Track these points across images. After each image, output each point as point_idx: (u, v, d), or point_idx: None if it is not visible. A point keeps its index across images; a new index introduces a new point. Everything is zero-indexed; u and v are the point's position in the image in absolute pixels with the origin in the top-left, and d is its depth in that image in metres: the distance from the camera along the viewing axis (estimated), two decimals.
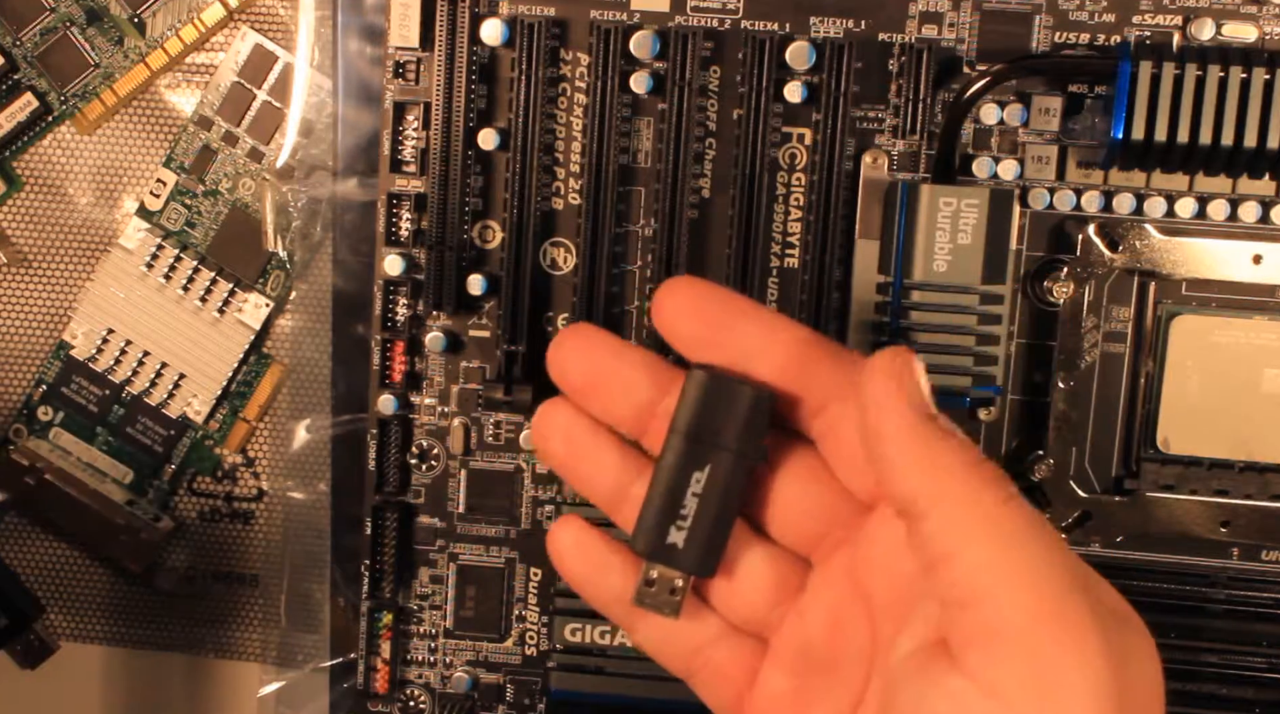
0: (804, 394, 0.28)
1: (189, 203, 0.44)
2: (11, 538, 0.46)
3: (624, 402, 0.29)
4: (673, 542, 0.28)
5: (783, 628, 0.29)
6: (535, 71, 0.37)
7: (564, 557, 0.30)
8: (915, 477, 0.25)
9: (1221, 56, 0.35)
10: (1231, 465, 0.38)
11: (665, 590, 0.28)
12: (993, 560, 0.24)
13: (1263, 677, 0.38)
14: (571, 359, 0.29)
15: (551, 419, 0.30)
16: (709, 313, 0.28)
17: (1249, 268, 0.37)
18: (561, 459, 0.30)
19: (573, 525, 0.30)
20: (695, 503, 0.28)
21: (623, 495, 0.29)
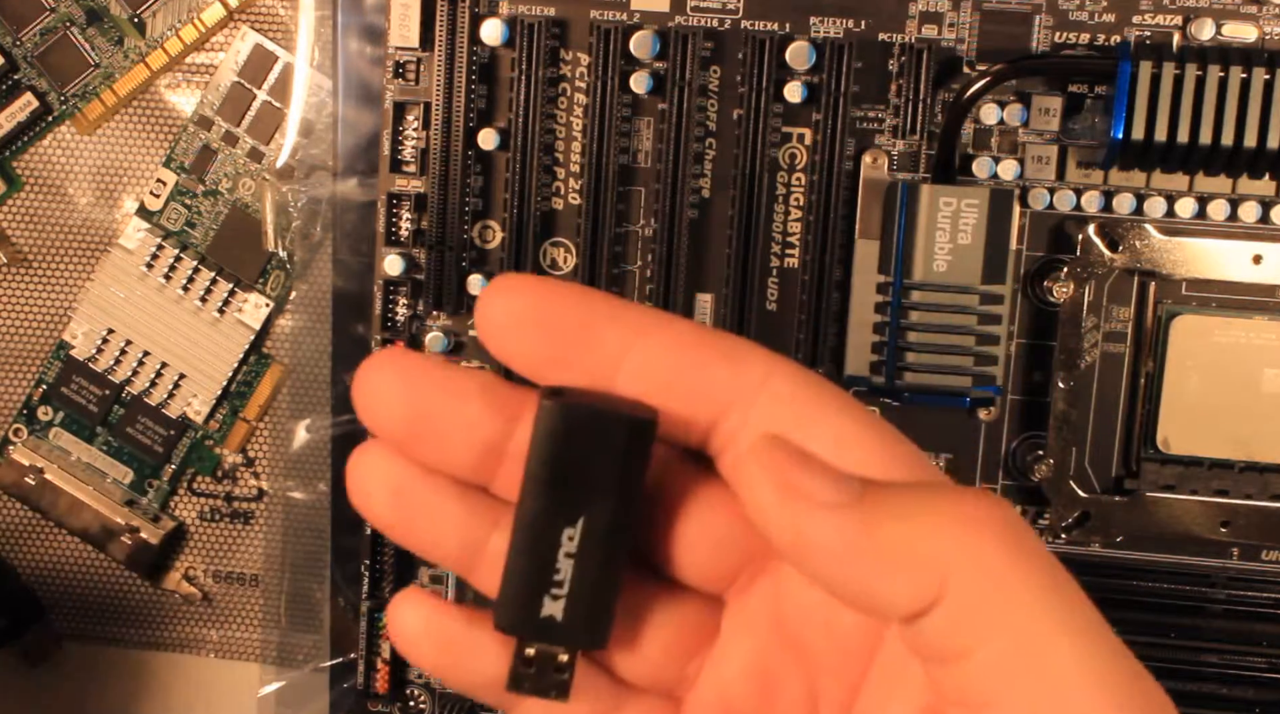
0: (691, 408, 0.21)
1: (189, 203, 0.44)
2: (11, 538, 0.46)
3: (461, 445, 0.22)
4: (549, 614, 0.22)
5: (698, 684, 0.23)
6: (535, 71, 0.37)
7: (413, 646, 0.23)
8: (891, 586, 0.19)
9: (1221, 56, 0.35)
10: (1231, 465, 0.38)
11: (549, 669, 0.23)
12: (1018, 652, 0.19)
13: (1263, 677, 0.38)
14: (387, 399, 0.22)
15: (370, 474, 0.23)
16: (556, 322, 0.21)
17: (1249, 268, 0.37)
18: (389, 520, 0.23)
19: (416, 606, 0.23)
20: (571, 565, 0.22)
21: (477, 553, 0.23)
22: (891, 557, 0.19)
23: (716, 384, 0.21)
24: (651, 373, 0.21)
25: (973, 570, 0.19)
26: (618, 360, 0.21)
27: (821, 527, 0.19)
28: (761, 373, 0.21)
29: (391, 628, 0.24)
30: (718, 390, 0.21)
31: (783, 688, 0.23)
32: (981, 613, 0.19)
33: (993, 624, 0.19)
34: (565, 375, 0.22)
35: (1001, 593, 0.19)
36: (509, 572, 0.22)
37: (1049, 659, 0.18)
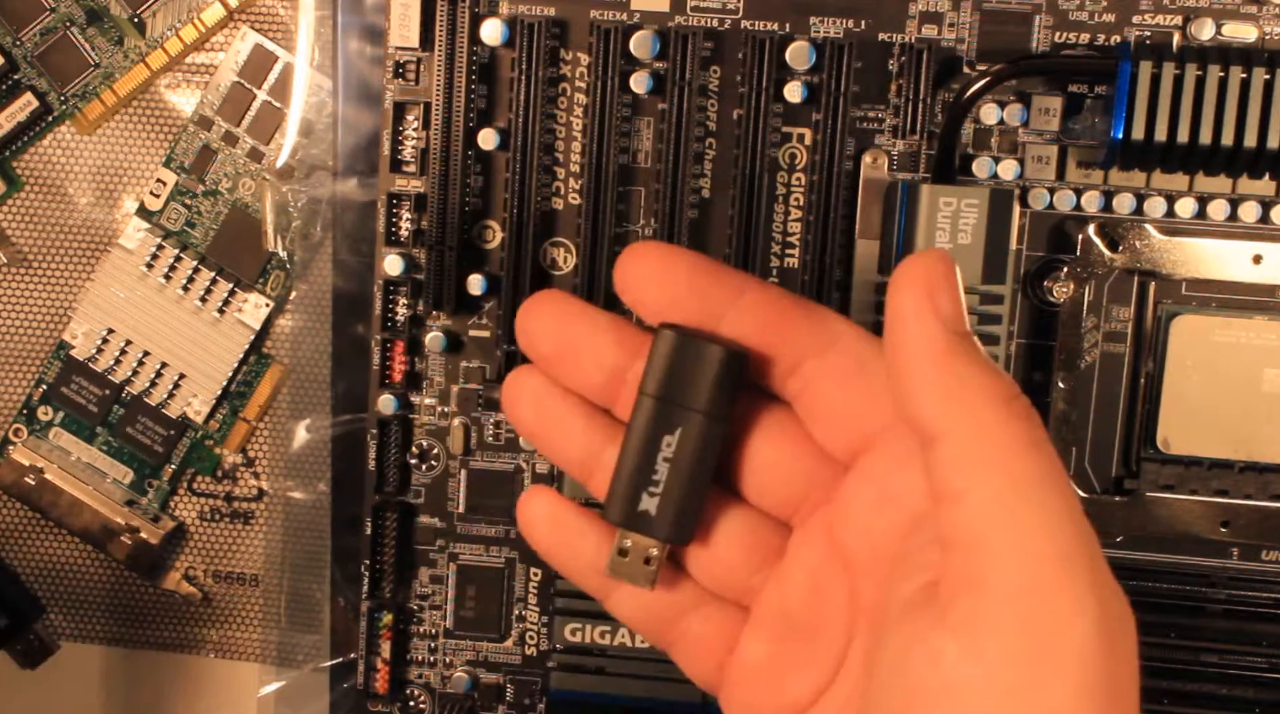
0: (776, 353, 0.27)
1: (189, 203, 0.44)
2: (11, 538, 0.46)
3: (593, 369, 0.28)
4: (645, 509, 0.27)
5: (763, 594, 0.28)
6: (535, 71, 0.37)
7: (535, 526, 0.29)
8: (935, 400, 0.23)
9: (1221, 56, 0.35)
10: (1231, 465, 0.38)
11: (640, 560, 0.27)
12: (1002, 505, 0.22)
13: (1263, 677, 0.38)
14: (540, 327, 0.28)
15: (520, 386, 0.29)
16: (675, 277, 0.27)
17: (1249, 268, 0.37)
18: (531, 426, 0.29)
19: (543, 495, 0.29)
20: (667, 468, 0.27)
21: (594, 462, 0.28)
22: (943, 383, 0.23)
23: (797, 337, 0.26)
24: (747, 324, 0.26)
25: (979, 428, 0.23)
26: (721, 313, 0.26)
27: (929, 335, 0.24)
28: (835, 332, 0.26)
29: (519, 514, 0.29)
30: (798, 342, 0.26)
31: (831, 596, 0.27)
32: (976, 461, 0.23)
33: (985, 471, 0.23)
34: (680, 318, 0.27)
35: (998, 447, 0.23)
36: (618, 471, 0.27)
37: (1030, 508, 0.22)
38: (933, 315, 0.24)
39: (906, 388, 0.24)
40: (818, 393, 0.27)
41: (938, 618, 0.23)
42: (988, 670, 0.22)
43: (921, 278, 0.24)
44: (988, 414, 0.23)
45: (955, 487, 0.23)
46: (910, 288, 0.24)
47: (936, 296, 0.24)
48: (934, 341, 0.24)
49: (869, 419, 0.26)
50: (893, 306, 0.24)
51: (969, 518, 0.23)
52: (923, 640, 0.23)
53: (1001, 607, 0.22)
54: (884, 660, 0.24)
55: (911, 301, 0.24)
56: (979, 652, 0.22)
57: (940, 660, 0.22)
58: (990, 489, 0.23)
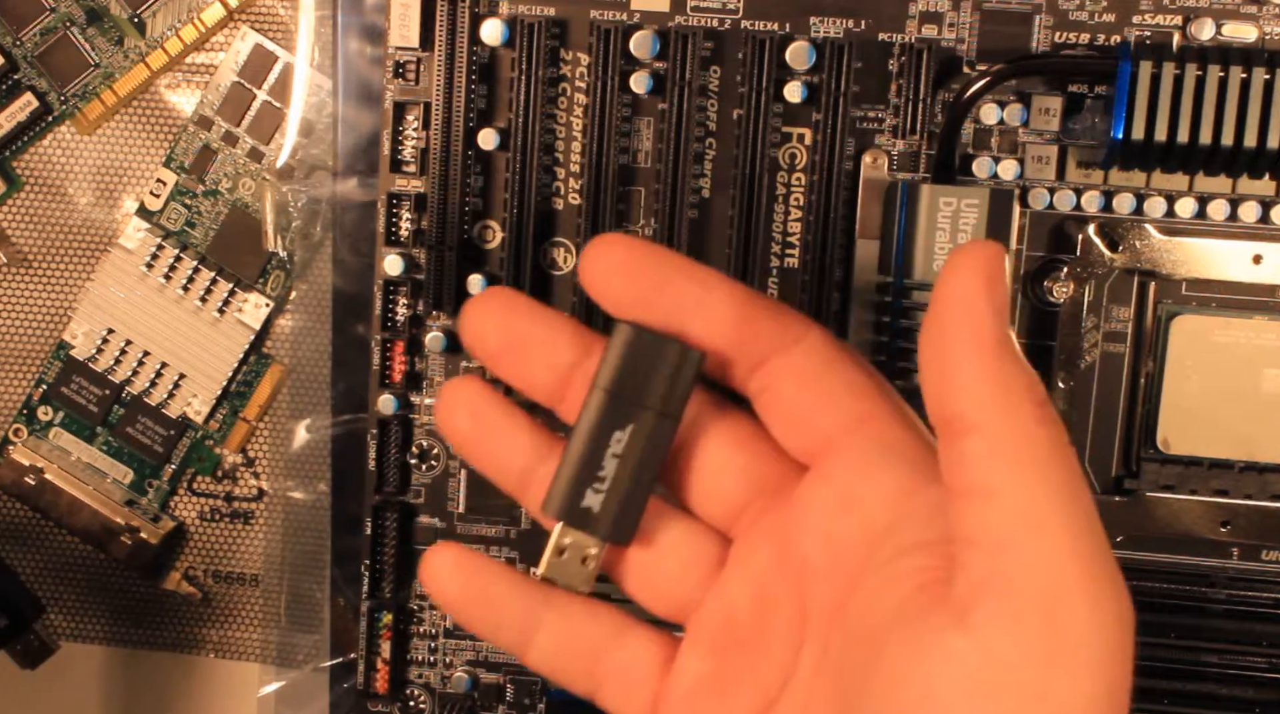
0: (742, 351, 0.26)
1: (189, 203, 0.44)
2: (11, 538, 0.46)
3: (543, 365, 0.27)
4: (588, 505, 0.26)
5: (702, 607, 0.27)
6: (535, 71, 0.37)
7: (442, 584, 0.28)
8: (977, 393, 0.23)
9: (1221, 56, 0.35)
10: (1231, 465, 0.38)
11: (576, 561, 0.27)
12: (1038, 507, 0.22)
13: (1263, 677, 0.38)
14: (489, 322, 0.28)
15: (458, 395, 0.28)
16: (642, 272, 0.26)
17: (1249, 268, 0.37)
18: (466, 437, 0.28)
19: (448, 551, 0.28)
20: (614, 465, 0.26)
21: (531, 476, 0.28)
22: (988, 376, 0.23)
23: (762, 335, 0.26)
24: (713, 321, 0.26)
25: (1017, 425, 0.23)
26: (689, 309, 0.26)
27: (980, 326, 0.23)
28: (800, 331, 0.26)
29: (423, 574, 0.28)
30: (763, 340, 0.26)
31: (777, 605, 0.26)
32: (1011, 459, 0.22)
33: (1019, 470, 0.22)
34: (645, 315, 0.26)
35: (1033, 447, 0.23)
36: (563, 464, 0.27)
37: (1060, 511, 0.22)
38: (987, 306, 0.23)
39: (951, 374, 0.23)
40: (779, 391, 0.26)
41: (953, 620, 0.22)
42: (1006, 671, 0.22)
43: (981, 266, 0.23)
44: (1027, 412, 0.23)
45: (986, 483, 0.23)
46: (968, 275, 0.23)
47: (993, 288, 0.23)
48: (984, 334, 0.23)
49: (830, 420, 0.26)
50: (946, 291, 0.24)
51: (998, 516, 0.22)
52: (936, 643, 0.22)
53: (1027, 608, 0.22)
54: (886, 667, 0.23)
55: (967, 289, 0.23)
56: (999, 652, 0.22)
57: (956, 659, 0.22)
58: (1024, 490, 0.22)
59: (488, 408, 0.28)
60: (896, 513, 0.25)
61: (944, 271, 0.24)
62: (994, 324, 0.23)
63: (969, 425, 0.23)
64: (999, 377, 0.23)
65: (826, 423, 0.26)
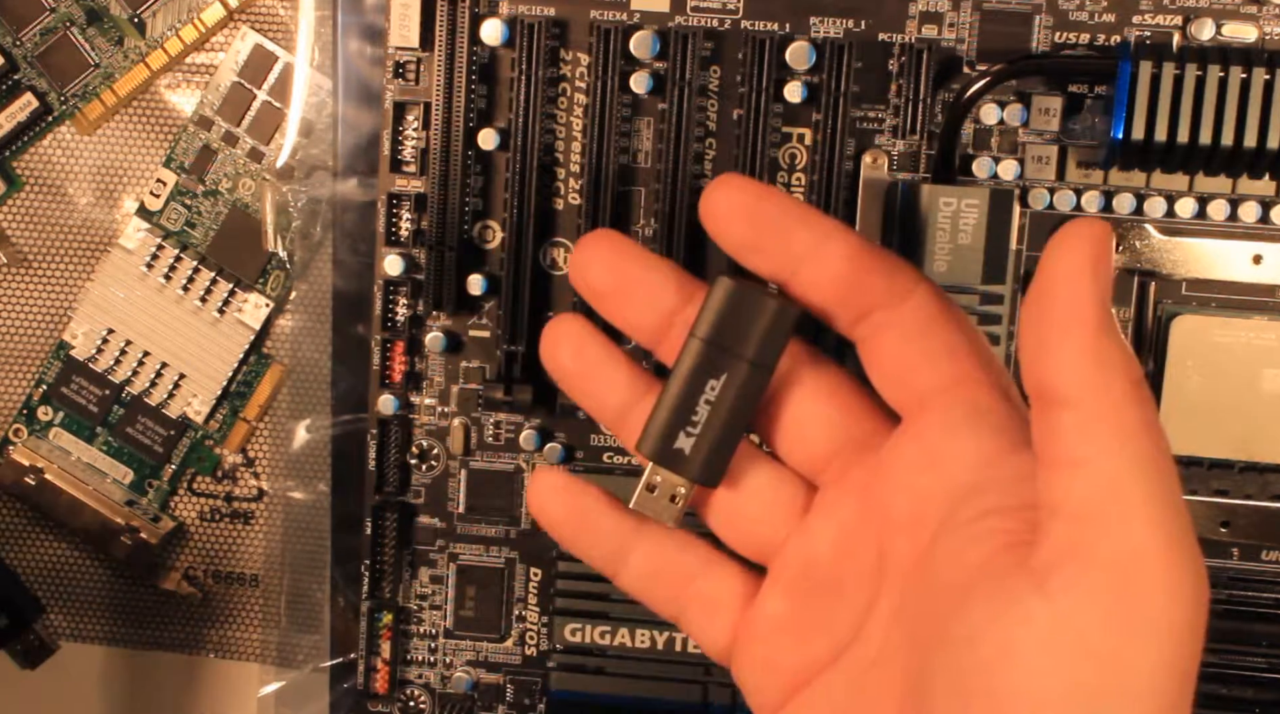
0: (849, 301, 0.27)
1: (189, 203, 0.44)
2: (11, 538, 0.46)
3: (646, 308, 0.28)
4: (680, 447, 0.28)
5: (785, 549, 0.28)
6: (535, 71, 0.37)
7: (548, 504, 0.29)
8: (1076, 366, 0.23)
9: (1221, 56, 0.35)
10: (1231, 465, 0.38)
11: (666, 497, 0.28)
12: (1124, 480, 0.23)
13: (1263, 677, 0.39)
14: (597, 261, 0.28)
15: (563, 330, 0.29)
16: (762, 217, 0.27)
17: (1249, 268, 0.37)
18: (569, 371, 0.29)
19: (554, 474, 0.30)
20: (707, 411, 0.27)
21: (629, 411, 0.29)
22: (1088, 351, 0.23)
23: (870, 288, 0.27)
24: (824, 271, 0.27)
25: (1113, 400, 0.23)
26: (806, 255, 0.27)
27: (1085, 302, 0.24)
28: (908, 287, 0.27)
29: (531, 494, 0.30)
30: (870, 293, 0.27)
31: (857, 554, 0.27)
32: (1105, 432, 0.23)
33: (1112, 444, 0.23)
34: (762, 260, 0.27)
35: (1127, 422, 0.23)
36: (659, 407, 0.28)
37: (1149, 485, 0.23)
38: (1093, 283, 0.24)
39: (1049, 348, 0.24)
40: (880, 344, 0.27)
41: (1033, 583, 0.23)
42: (1081, 637, 0.22)
43: (1088, 244, 0.24)
44: (1121, 389, 0.23)
45: (1077, 454, 0.23)
46: (1076, 251, 0.24)
47: (1099, 266, 0.24)
48: (1087, 309, 0.24)
49: (925, 379, 0.27)
50: (1054, 266, 0.24)
51: (1086, 487, 0.23)
52: (1015, 605, 0.23)
53: (1104, 578, 0.22)
54: (964, 623, 0.24)
55: (1075, 265, 0.24)
56: (1075, 618, 0.22)
57: (1033, 622, 0.23)
58: (1113, 462, 0.23)
59: (590, 345, 0.29)
60: (981, 475, 0.26)
61: (1050, 248, 0.24)
62: (1096, 303, 0.24)
63: (1064, 399, 0.24)
64: (1096, 354, 0.23)
65: (922, 381, 0.27)
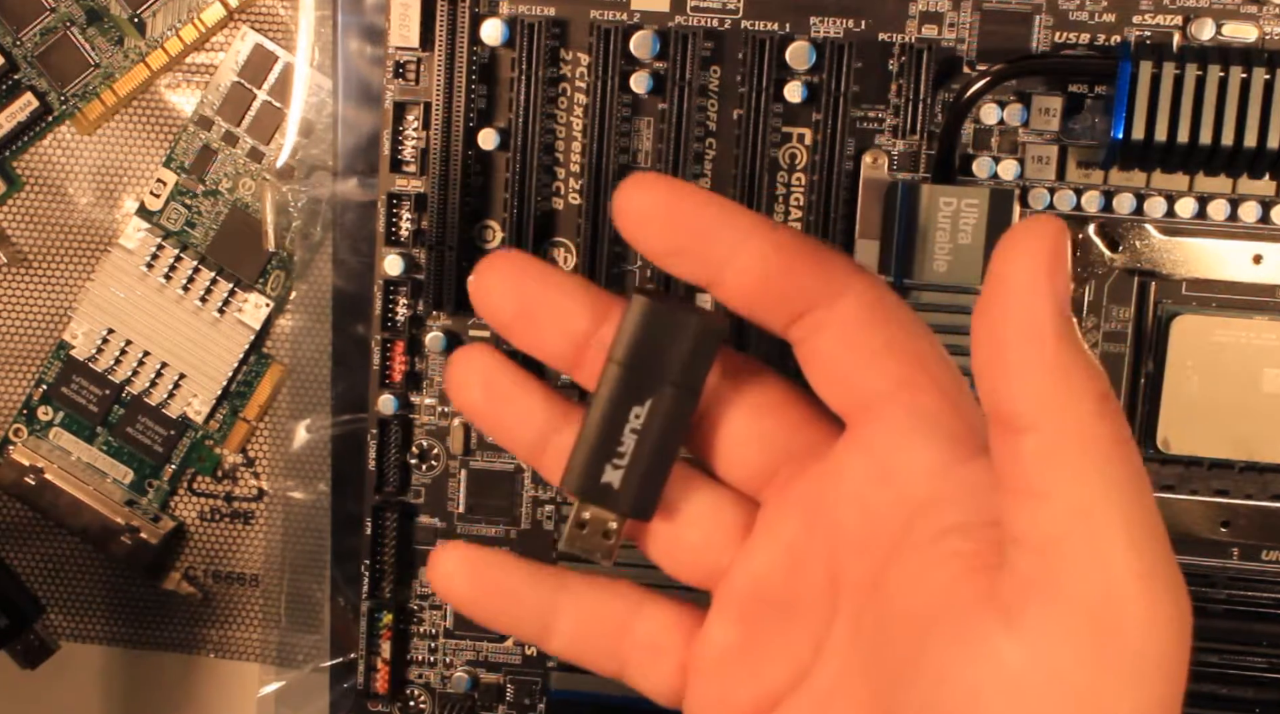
0: (782, 301, 0.25)
1: (189, 203, 0.44)
2: (11, 538, 0.46)
3: (557, 331, 0.26)
4: (608, 481, 0.26)
5: (730, 574, 0.26)
6: (535, 71, 0.37)
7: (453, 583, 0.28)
8: (1034, 391, 0.21)
9: (1221, 56, 0.35)
10: (1231, 465, 0.38)
11: (597, 534, 0.26)
12: (1095, 509, 0.21)
13: (1263, 677, 0.38)
14: (499, 286, 0.26)
15: (469, 364, 0.27)
16: (681, 219, 0.25)
17: (1249, 268, 0.37)
18: (480, 406, 0.27)
19: (453, 550, 0.28)
20: (634, 440, 0.26)
21: (546, 443, 0.27)
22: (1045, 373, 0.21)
23: (807, 284, 0.25)
24: (756, 269, 0.25)
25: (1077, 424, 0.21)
26: (729, 257, 0.25)
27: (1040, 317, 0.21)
28: (844, 283, 0.25)
29: (433, 576, 0.28)
30: (804, 292, 0.25)
31: (808, 572, 0.26)
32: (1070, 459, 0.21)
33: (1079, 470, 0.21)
34: (684, 264, 0.25)
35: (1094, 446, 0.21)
36: (581, 439, 0.26)
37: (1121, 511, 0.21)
38: (1049, 294, 0.21)
39: (1005, 367, 0.22)
40: (818, 346, 0.25)
41: (1001, 620, 0.21)
42: (1055, 678, 0.21)
43: (1042, 249, 0.21)
44: (1085, 410, 0.21)
45: (1040, 485, 0.21)
46: (1027, 258, 0.21)
47: (1055, 274, 0.21)
48: (1043, 325, 0.21)
49: (868, 383, 0.25)
50: (1003, 276, 0.22)
51: (1051, 520, 0.21)
52: (983, 643, 0.22)
53: (1079, 615, 0.21)
54: (930, 661, 0.22)
55: (1026, 275, 0.21)
56: (1049, 657, 0.21)
57: (1004, 664, 0.21)
58: (1082, 490, 0.21)
59: (500, 377, 0.27)
60: (935, 488, 0.24)
61: (999, 251, 0.22)
62: (1053, 313, 0.21)
63: (1025, 424, 0.22)
64: (1057, 371, 0.21)
65: (865, 385, 0.25)
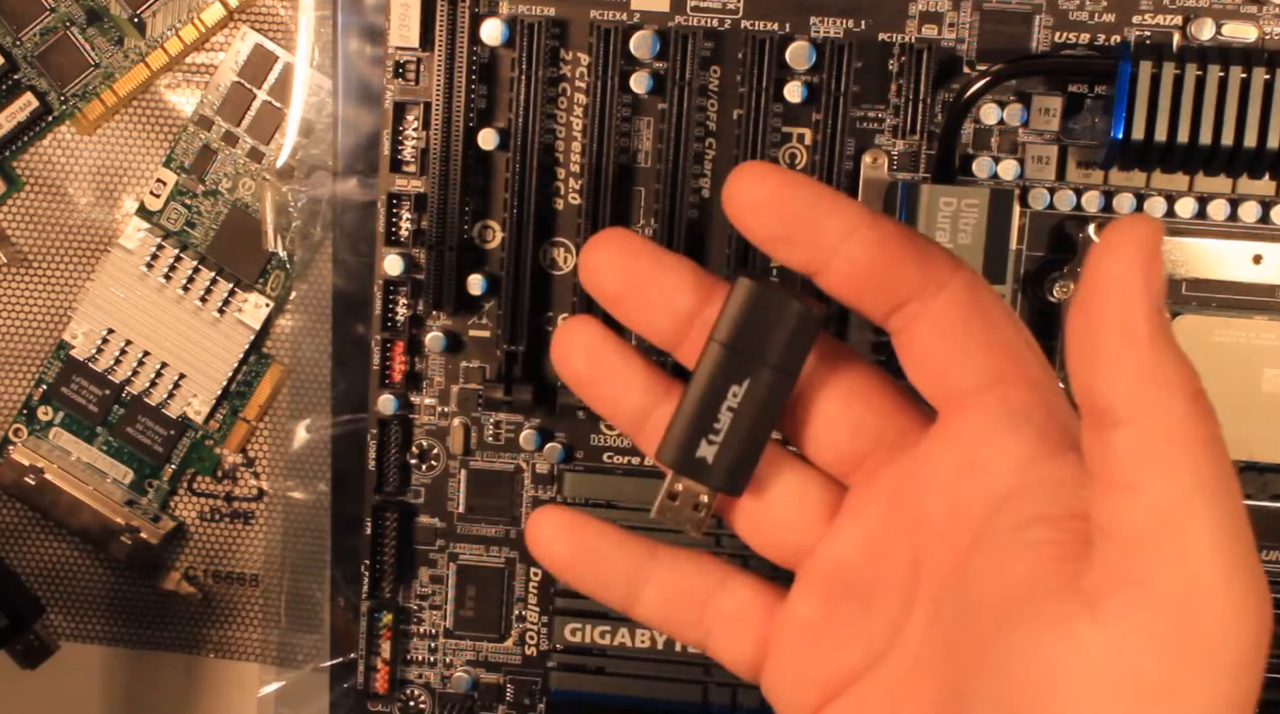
0: (884, 292, 0.25)
1: (189, 203, 0.44)
2: (11, 538, 0.46)
3: (663, 310, 0.27)
4: (702, 456, 0.27)
5: (815, 553, 0.27)
6: (535, 71, 0.37)
7: (553, 545, 0.29)
8: (1128, 385, 0.22)
9: (1221, 56, 0.35)
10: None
11: (688, 506, 0.27)
12: (1183, 506, 0.21)
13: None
14: (609, 263, 0.27)
15: (575, 334, 0.28)
16: (789, 208, 0.25)
17: (1249, 268, 0.37)
18: (583, 376, 0.28)
19: (554, 512, 0.29)
20: (730, 417, 0.26)
21: (647, 415, 0.28)
22: (1140, 368, 0.22)
23: (909, 275, 0.25)
24: (861, 259, 0.25)
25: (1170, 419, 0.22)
26: (835, 247, 0.25)
27: (1135, 313, 0.22)
28: (944, 277, 0.25)
29: (531, 535, 0.29)
30: (904, 284, 0.25)
31: (890, 558, 0.26)
32: (1162, 455, 0.21)
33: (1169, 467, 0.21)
34: (791, 252, 0.25)
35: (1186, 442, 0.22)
36: (679, 414, 0.27)
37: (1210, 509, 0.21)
38: (1144, 292, 0.22)
39: (1100, 363, 0.22)
40: (915, 337, 0.26)
41: (1083, 606, 0.22)
42: (1136, 667, 0.21)
43: (1137, 247, 0.22)
44: (1178, 407, 0.22)
45: (1131, 479, 0.22)
46: (1123, 256, 0.22)
47: (1150, 271, 0.22)
48: (1139, 321, 0.22)
49: (962, 376, 0.25)
50: (1100, 273, 0.22)
51: (1140, 514, 0.22)
52: (1063, 628, 0.22)
53: (1161, 607, 0.21)
54: (1008, 643, 0.23)
55: (1122, 272, 0.22)
56: (1129, 647, 0.21)
57: (1083, 649, 0.22)
58: (1168, 489, 0.21)
59: (604, 348, 0.28)
60: (1022, 480, 0.24)
61: (1098, 250, 0.22)
62: (1149, 311, 0.22)
63: (1117, 419, 0.22)
64: (1151, 369, 0.22)
65: (959, 378, 0.25)
